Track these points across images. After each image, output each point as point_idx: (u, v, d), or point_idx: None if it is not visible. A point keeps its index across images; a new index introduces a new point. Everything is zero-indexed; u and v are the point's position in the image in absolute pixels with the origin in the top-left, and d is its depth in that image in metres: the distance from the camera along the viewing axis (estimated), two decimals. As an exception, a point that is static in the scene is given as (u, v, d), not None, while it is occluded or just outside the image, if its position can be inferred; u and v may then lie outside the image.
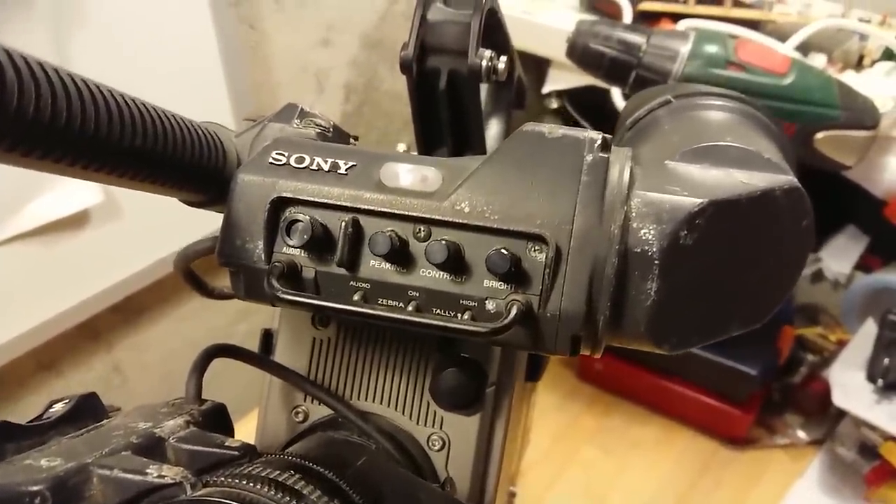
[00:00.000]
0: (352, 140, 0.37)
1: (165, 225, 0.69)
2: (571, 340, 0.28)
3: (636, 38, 0.62)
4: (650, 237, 0.27)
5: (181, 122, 0.29)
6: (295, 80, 0.95)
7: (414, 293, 0.28)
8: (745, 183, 0.30)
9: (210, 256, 0.36)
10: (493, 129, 0.57)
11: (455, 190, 0.28)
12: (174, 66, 0.78)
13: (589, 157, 0.28)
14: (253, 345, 0.39)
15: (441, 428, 0.37)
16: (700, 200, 0.28)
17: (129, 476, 0.23)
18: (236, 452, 0.27)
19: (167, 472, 0.23)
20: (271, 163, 0.30)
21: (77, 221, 0.74)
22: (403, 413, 0.37)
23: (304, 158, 0.30)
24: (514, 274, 0.27)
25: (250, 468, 0.26)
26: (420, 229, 0.28)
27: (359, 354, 0.37)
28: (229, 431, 0.32)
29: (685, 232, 0.28)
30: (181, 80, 0.79)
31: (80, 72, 0.25)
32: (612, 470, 0.82)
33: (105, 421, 0.29)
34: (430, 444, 0.37)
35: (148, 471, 0.23)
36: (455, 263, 0.28)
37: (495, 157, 0.29)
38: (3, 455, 0.25)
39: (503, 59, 0.41)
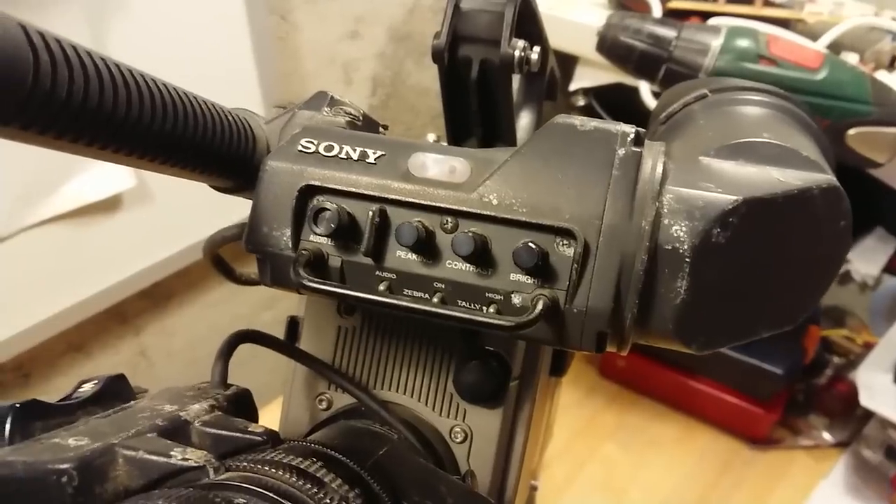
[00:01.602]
0: (381, 129, 0.37)
1: (195, 211, 0.70)
2: (597, 337, 0.28)
3: (667, 32, 0.61)
4: (682, 234, 0.27)
5: (212, 107, 0.29)
6: (323, 72, 0.96)
7: (440, 285, 0.28)
8: (782, 181, 0.29)
9: (238, 243, 0.36)
10: (523, 120, 0.57)
11: (483, 182, 0.28)
12: (207, 54, 0.79)
13: (621, 151, 0.27)
14: (279, 332, 0.39)
15: (463, 420, 0.37)
16: (734, 198, 0.27)
17: (154, 458, 0.23)
18: (259, 438, 0.27)
19: (191, 456, 0.23)
20: (300, 150, 0.30)
21: (110, 206, 0.75)
22: (426, 404, 0.37)
23: (332, 146, 0.29)
24: (541, 268, 0.27)
25: (272, 454, 0.26)
26: (447, 221, 0.28)
27: (383, 344, 0.37)
28: (253, 417, 0.32)
29: (718, 230, 0.27)
30: (213, 68, 0.80)
31: (114, 57, 0.25)
32: (631, 467, 0.81)
33: (132, 403, 0.29)
34: (453, 435, 0.37)
35: (172, 453, 0.23)
36: (481, 256, 0.27)
37: (525, 149, 0.28)
38: (31, 433, 0.25)
39: (536, 49, 0.41)
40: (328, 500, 0.24)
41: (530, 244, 0.26)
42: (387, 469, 0.29)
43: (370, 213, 0.28)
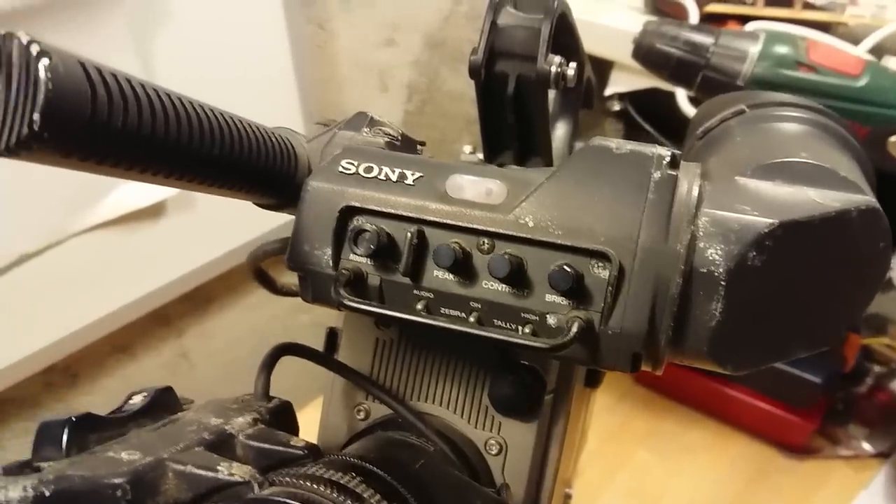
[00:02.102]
0: (419, 147, 0.38)
1: (235, 218, 0.71)
2: (632, 358, 0.28)
3: (704, 39, 0.61)
4: (717, 258, 0.27)
5: (256, 129, 0.30)
6: (360, 79, 0.97)
7: (476, 304, 0.29)
8: (819, 202, 0.29)
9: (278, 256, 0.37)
10: (559, 131, 0.57)
11: (520, 204, 0.28)
12: (247, 62, 0.81)
13: (656, 174, 0.28)
14: (315, 335, 0.40)
15: (498, 432, 0.37)
16: (770, 221, 0.27)
17: (202, 472, 0.24)
18: (300, 452, 0.28)
19: (237, 471, 0.24)
20: (341, 171, 0.30)
21: (154, 212, 0.77)
22: (462, 416, 0.38)
23: (372, 168, 0.30)
24: (577, 290, 0.27)
25: (313, 469, 0.27)
26: (484, 242, 0.29)
27: (420, 356, 0.38)
28: (294, 428, 0.33)
29: (754, 253, 0.27)
30: (253, 76, 0.82)
31: (160, 68, 0.26)
32: (664, 474, 0.81)
33: (179, 414, 0.30)
34: (487, 448, 0.37)
35: (219, 468, 0.24)
36: (517, 277, 0.28)
37: (561, 171, 0.29)
38: (87, 444, 0.26)
39: (573, 65, 0.41)
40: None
41: (566, 267, 0.27)
42: (423, 482, 0.30)
43: (408, 235, 0.29)
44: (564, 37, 0.45)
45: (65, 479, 0.22)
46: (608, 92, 0.85)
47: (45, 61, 0.20)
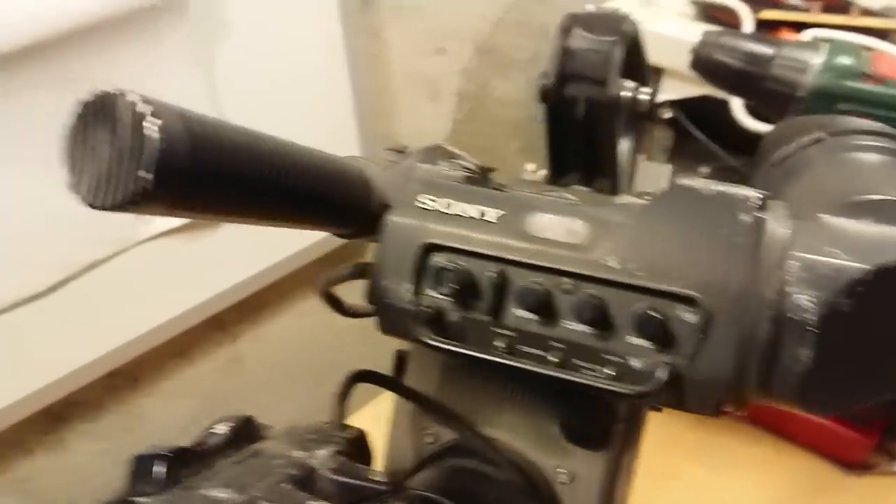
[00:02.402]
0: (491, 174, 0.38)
1: (288, 229, 0.72)
2: (716, 402, 0.28)
3: (765, 50, 0.59)
4: (807, 304, 0.27)
5: (332, 162, 0.30)
6: (410, 87, 0.98)
7: (557, 344, 0.29)
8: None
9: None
10: (623, 145, 0.56)
11: (603, 244, 0.28)
12: (304, 70, 0.82)
13: (745, 217, 0.27)
14: (364, 341, 0.40)
15: (568, 461, 0.37)
16: (864, 267, 0.27)
17: (292, 512, 0.25)
18: (381, 488, 0.28)
19: (325, 511, 0.25)
20: (421, 207, 0.31)
21: (211, 223, 0.79)
22: (530, 443, 0.38)
23: (452, 204, 0.30)
24: (662, 335, 0.27)
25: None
26: (566, 282, 0.28)
27: (489, 382, 0.38)
28: (369, 458, 0.33)
29: (846, 300, 0.27)
30: (309, 83, 0.83)
31: (221, 77, 0.26)
32: (717, 489, 0.80)
33: (261, 445, 0.31)
34: (557, 476, 0.37)
35: (308, 508, 0.25)
36: (600, 319, 0.28)
37: (646, 212, 0.28)
38: (179, 478, 0.27)
39: (645, 90, 0.41)
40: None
41: (651, 312, 0.27)
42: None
43: (490, 274, 0.29)
44: (634, 56, 0.45)
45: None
46: (658, 99, 0.84)
47: (154, 121, 0.20)
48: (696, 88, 0.77)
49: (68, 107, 0.21)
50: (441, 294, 0.29)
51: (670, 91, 0.83)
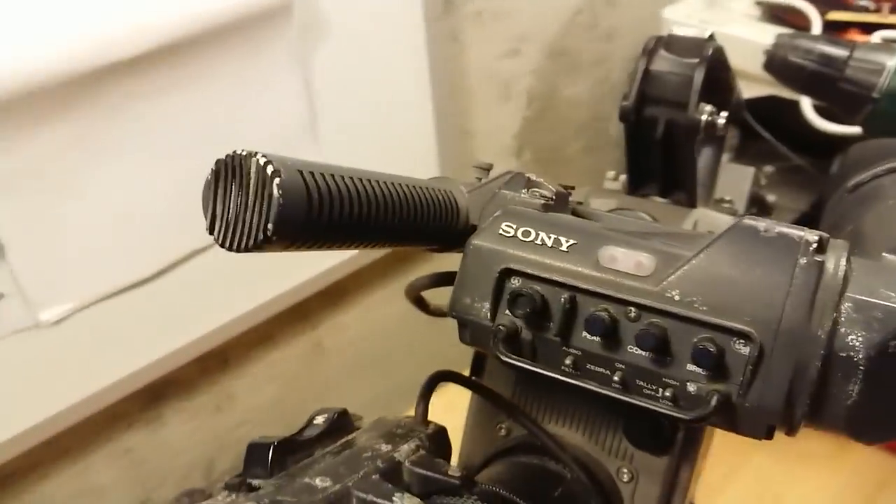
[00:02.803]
0: (569, 192, 0.40)
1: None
2: (767, 428, 0.30)
3: (839, 52, 0.59)
4: (857, 344, 0.28)
5: (425, 192, 0.34)
6: (484, 88, 1.02)
7: (620, 366, 0.32)
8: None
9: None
10: (706, 157, 0.57)
11: (668, 277, 0.31)
12: (390, 69, 0.86)
13: (803, 260, 0.29)
14: (436, 331, 0.43)
15: (631, 462, 0.40)
16: (915, 312, 0.28)
17: (380, 501, 0.29)
18: (457, 482, 0.32)
19: (408, 502, 0.29)
20: (501, 234, 0.34)
21: None
22: (597, 444, 0.41)
23: (529, 232, 0.33)
24: (717, 365, 0.29)
25: (464, 501, 0.31)
26: (631, 311, 0.31)
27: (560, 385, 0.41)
28: (449, 451, 0.37)
29: (895, 342, 0.28)
30: (394, 81, 0.87)
31: (317, 82, 0.28)
32: (784, 479, 0.81)
33: (354, 435, 0.35)
34: (619, 475, 0.40)
35: (394, 499, 0.29)
36: (661, 347, 0.30)
37: (710, 249, 0.31)
38: (285, 464, 0.31)
39: (723, 115, 0.42)
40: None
41: (709, 345, 0.29)
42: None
43: (562, 300, 0.32)
44: (718, 72, 0.46)
45: (278, 504, 0.27)
46: (745, 118, 0.84)
47: (277, 181, 0.24)
48: (763, 89, 0.77)
49: (181, 108, 0.25)
50: (516, 315, 0.33)
51: None
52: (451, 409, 0.43)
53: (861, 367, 0.28)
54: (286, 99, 0.78)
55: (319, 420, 0.35)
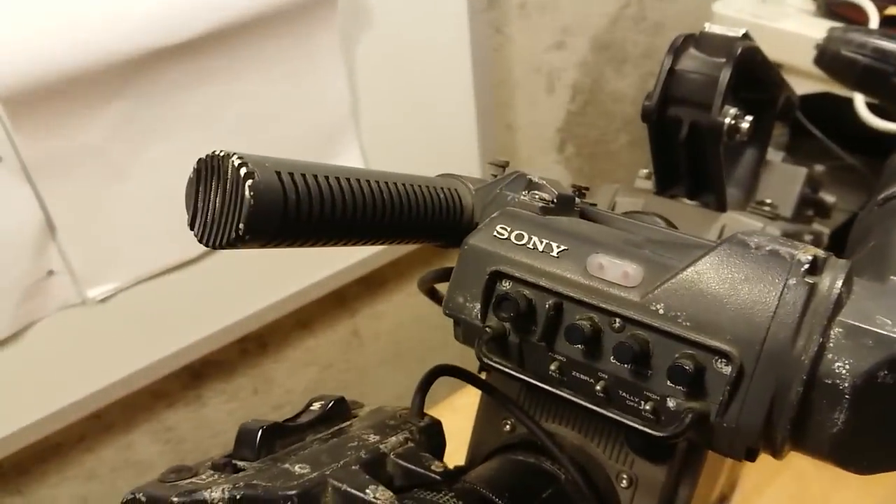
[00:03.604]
0: (579, 192, 0.40)
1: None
2: (747, 450, 0.29)
3: (893, 46, 0.55)
4: (843, 371, 0.27)
5: (424, 191, 0.34)
6: (528, 80, 1.01)
7: (603, 374, 0.32)
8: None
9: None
10: (748, 157, 0.56)
11: (653, 290, 0.30)
12: (432, 61, 0.86)
13: (792, 281, 0.28)
14: None
15: (631, 468, 0.40)
16: (908, 342, 0.27)
17: (353, 492, 0.30)
18: (438, 477, 0.33)
19: (380, 496, 0.30)
20: (495, 235, 0.34)
21: None
22: (598, 446, 0.41)
23: (522, 235, 0.33)
24: (696, 383, 0.29)
25: (442, 496, 0.32)
26: (616, 321, 0.31)
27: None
28: (442, 446, 0.38)
29: (885, 372, 0.27)
30: (436, 73, 0.87)
31: (361, 68, 0.28)
32: (826, 485, 0.78)
33: (348, 423, 0.36)
34: (619, 479, 0.40)
35: (367, 491, 0.30)
36: (642, 359, 0.30)
37: (699, 264, 0.30)
38: (273, 448, 0.33)
39: (748, 118, 0.41)
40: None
41: (686, 363, 0.29)
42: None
43: (547, 306, 0.32)
44: (753, 72, 0.44)
45: (251, 487, 0.29)
46: (796, 113, 0.81)
47: (249, 182, 0.25)
48: (816, 85, 0.74)
49: (227, 94, 0.26)
50: (501, 318, 0.33)
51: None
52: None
53: (847, 396, 0.27)
54: (329, 89, 0.79)
55: (316, 406, 0.37)
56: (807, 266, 0.29)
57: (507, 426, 0.44)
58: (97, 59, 0.64)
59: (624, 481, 0.40)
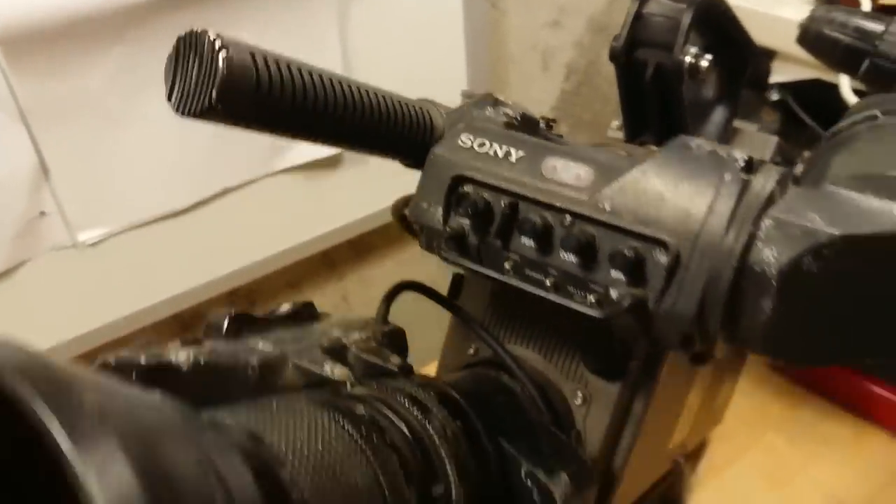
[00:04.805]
0: (546, 123, 0.42)
1: (403, 175, 0.80)
2: (682, 337, 0.31)
3: (874, 26, 0.57)
4: (771, 259, 0.29)
5: (395, 103, 0.36)
6: (523, 57, 1.02)
7: (553, 271, 0.33)
8: (897, 219, 0.30)
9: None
10: (717, 116, 0.58)
11: (601, 189, 0.32)
12: (425, 36, 0.88)
13: (727, 176, 0.30)
14: None
15: (586, 387, 0.42)
16: (832, 232, 0.29)
17: (311, 367, 0.32)
18: (395, 369, 0.35)
19: (338, 371, 0.32)
20: (459, 144, 0.36)
21: (331, 163, 0.88)
22: (556, 366, 0.43)
23: (484, 143, 0.35)
24: (636, 271, 0.31)
25: (398, 383, 0.33)
26: (566, 218, 0.33)
27: (528, 309, 0.43)
28: (404, 352, 0.40)
29: (810, 259, 0.29)
30: (428, 49, 0.89)
31: (354, 37, 0.29)
32: (797, 460, 0.79)
33: (315, 324, 0.38)
34: (573, 397, 0.42)
35: (325, 366, 0.32)
36: (588, 253, 0.32)
37: (645, 164, 0.32)
38: (241, 335, 0.35)
39: (707, 57, 0.43)
40: (427, 423, 0.31)
41: (627, 250, 0.31)
42: (496, 413, 0.36)
43: (503, 204, 0.34)
44: (719, 23, 0.46)
45: (215, 353, 0.30)
46: (769, 81, 0.83)
47: (223, 53, 0.27)
48: (808, 71, 0.76)
49: None
50: (460, 216, 0.35)
51: (781, 73, 0.82)
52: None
53: (774, 283, 0.29)
54: (322, 54, 0.81)
55: (285, 307, 0.38)
56: (742, 165, 0.31)
57: (472, 350, 0.46)
58: (98, 4, 0.66)
59: (578, 399, 0.42)
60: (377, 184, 0.90)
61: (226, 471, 0.20)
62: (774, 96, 0.81)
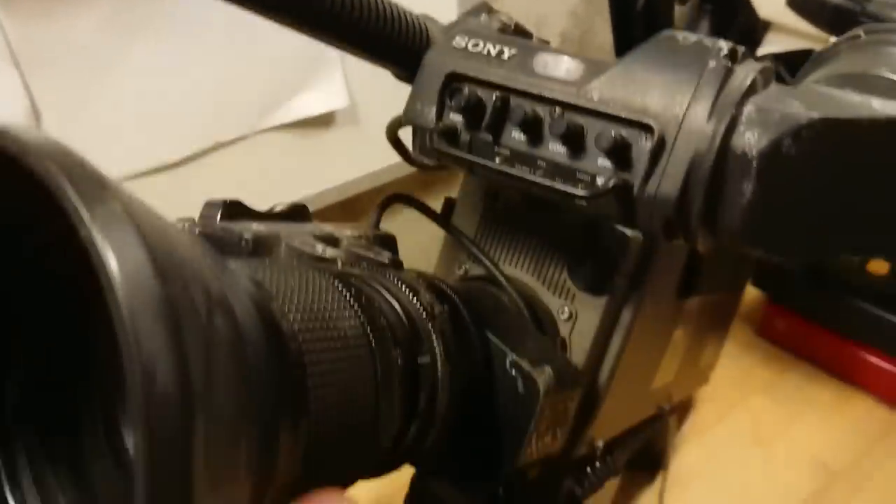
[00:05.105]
0: (535, 39, 0.43)
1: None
2: (664, 222, 0.32)
3: None
4: (751, 141, 0.30)
5: (395, 10, 0.37)
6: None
7: (542, 162, 0.34)
8: (876, 109, 0.31)
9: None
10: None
11: (590, 81, 0.33)
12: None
13: (711, 63, 0.31)
14: None
15: (572, 302, 0.43)
16: (811, 113, 0.30)
17: (304, 247, 0.33)
18: (385, 261, 0.35)
19: (330, 252, 0.32)
20: (454, 46, 0.37)
21: (323, 122, 0.88)
22: (543, 284, 0.43)
23: (478, 44, 0.36)
24: (621, 156, 0.32)
25: (389, 270, 0.34)
26: (556, 110, 0.34)
27: (517, 229, 0.44)
28: (394, 254, 0.40)
29: (789, 141, 0.30)
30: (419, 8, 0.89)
31: None
32: (781, 421, 0.80)
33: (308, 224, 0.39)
34: (560, 313, 0.43)
35: (317, 246, 0.33)
36: (576, 142, 0.33)
37: (631, 56, 0.33)
38: (235, 220, 0.35)
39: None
40: (415, 301, 0.31)
41: (612, 134, 0.32)
42: (482, 306, 0.36)
43: (494, 97, 0.35)
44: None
45: (209, 227, 0.31)
46: (761, 52, 0.84)
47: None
48: (801, 42, 0.77)
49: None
50: (453, 109, 0.36)
51: (774, 44, 0.83)
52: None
53: (754, 165, 0.30)
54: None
55: (279, 206, 0.39)
56: (726, 53, 0.32)
57: (461, 269, 0.46)
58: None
59: (565, 314, 0.43)
60: (369, 145, 0.91)
61: (233, 298, 0.21)
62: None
